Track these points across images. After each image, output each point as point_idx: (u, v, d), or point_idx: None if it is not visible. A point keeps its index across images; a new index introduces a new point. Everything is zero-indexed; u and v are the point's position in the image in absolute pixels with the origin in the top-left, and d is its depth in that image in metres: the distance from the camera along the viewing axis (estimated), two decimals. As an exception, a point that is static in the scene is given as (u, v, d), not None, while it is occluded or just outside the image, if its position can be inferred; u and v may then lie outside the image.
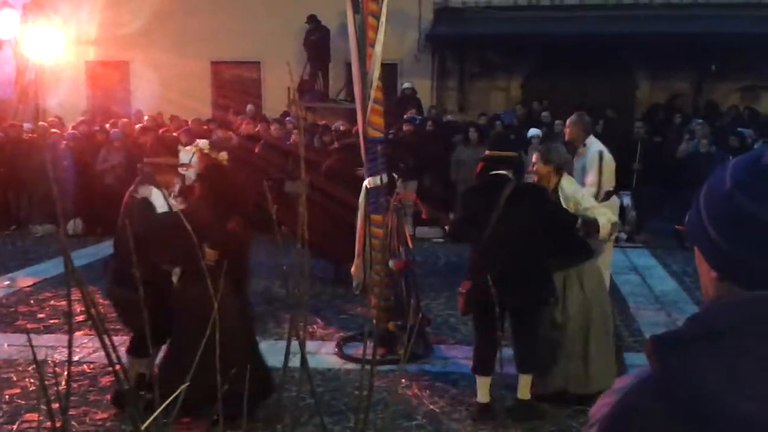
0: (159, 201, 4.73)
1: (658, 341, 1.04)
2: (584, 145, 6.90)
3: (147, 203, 4.69)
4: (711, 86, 14.72)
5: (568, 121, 7.28)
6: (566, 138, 7.23)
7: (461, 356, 6.16)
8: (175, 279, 4.60)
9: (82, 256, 9.36)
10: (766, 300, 0.98)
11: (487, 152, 5.15)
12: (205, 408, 3.19)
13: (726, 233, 1.05)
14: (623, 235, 10.66)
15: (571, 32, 13.97)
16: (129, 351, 4.80)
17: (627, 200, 10.58)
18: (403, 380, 5.50)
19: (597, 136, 10.92)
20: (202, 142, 6.04)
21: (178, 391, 1.50)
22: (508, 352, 5.45)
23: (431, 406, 5.14)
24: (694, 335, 1.02)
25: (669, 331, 1.06)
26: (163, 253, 4.36)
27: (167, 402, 1.50)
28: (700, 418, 0.96)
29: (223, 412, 1.68)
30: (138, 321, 4.53)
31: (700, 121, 11.56)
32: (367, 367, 1.82)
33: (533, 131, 10.74)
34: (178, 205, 4.85)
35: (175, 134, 11.33)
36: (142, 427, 1.44)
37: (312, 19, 14.17)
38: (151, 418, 1.51)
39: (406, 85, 13.69)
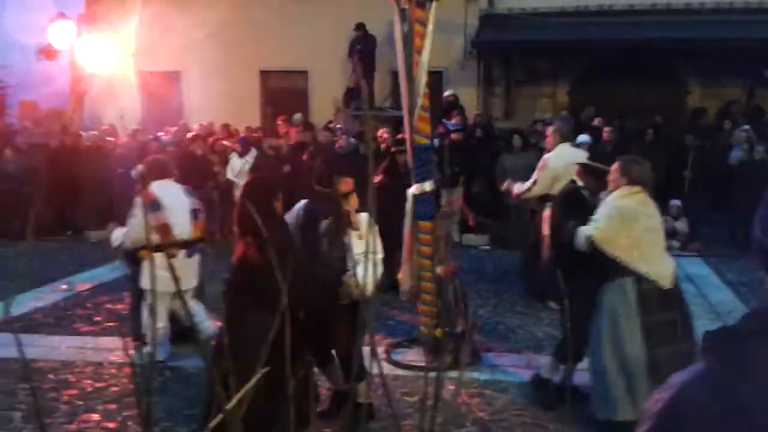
0: None
1: (712, 336, 1.05)
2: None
3: None
4: (764, 92, 14.35)
5: (547, 131, 7.85)
6: (547, 147, 7.52)
7: (509, 364, 6.15)
8: None
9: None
10: None
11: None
12: None
13: (766, 229, 1.07)
14: (676, 243, 10.49)
15: (619, 38, 13.78)
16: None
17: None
18: (451, 387, 5.49)
19: (645, 143, 10.86)
20: None
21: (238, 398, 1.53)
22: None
23: (480, 414, 5.13)
24: (749, 330, 1.03)
25: (724, 326, 1.07)
26: None
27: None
28: (753, 412, 0.96)
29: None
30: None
31: (746, 127, 11.29)
32: (432, 374, 1.84)
33: (582, 138, 10.62)
34: None
35: (226, 143, 11.57)
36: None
37: (360, 27, 14.29)
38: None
39: (448, 92, 13.68)
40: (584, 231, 4.67)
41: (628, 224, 4.64)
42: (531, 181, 7.37)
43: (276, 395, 2.16)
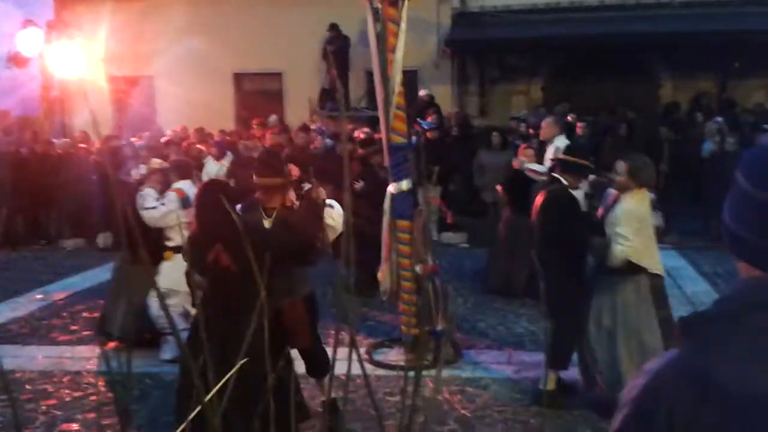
0: None
1: (686, 321, 1.07)
2: (552, 142, 7.81)
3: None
4: (735, 84, 14.56)
5: (543, 123, 8.22)
6: (541, 137, 7.69)
7: (491, 361, 6.17)
8: None
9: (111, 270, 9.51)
10: None
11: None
12: None
13: (734, 215, 1.11)
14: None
15: (591, 33, 13.89)
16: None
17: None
18: (433, 385, 5.50)
19: (618, 137, 10.99)
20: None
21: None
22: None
23: (463, 411, 5.14)
24: (718, 314, 1.05)
25: (697, 311, 1.09)
26: None
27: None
28: (726, 394, 0.98)
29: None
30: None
31: (718, 119, 11.43)
32: (411, 374, 1.84)
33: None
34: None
35: (200, 146, 11.48)
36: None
37: (333, 28, 14.26)
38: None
39: (423, 91, 13.70)
40: (619, 252, 4.71)
41: (644, 229, 4.83)
42: (545, 168, 7.44)
43: (252, 396, 2.13)
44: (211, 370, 1.46)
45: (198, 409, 1.35)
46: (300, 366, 4.68)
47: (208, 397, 1.36)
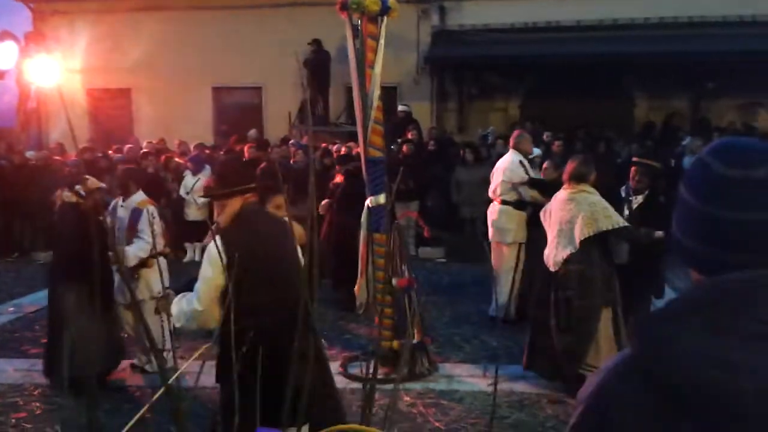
0: None
1: (637, 321, 1.11)
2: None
3: None
4: (709, 104, 14.82)
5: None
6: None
7: (466, 374, 6.18)
8: None
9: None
10: (727, 282, 1.06)
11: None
12: None
13: (679, 225, 1.16)
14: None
15: (568, 53, 14.08)
16: None
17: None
18: (408, 398, 5.51)
19: (597, 156, 11.11)
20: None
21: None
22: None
23: (437, 424, 5.14)
24: (667, 315, 1.09)
25: (648, 312, 1.14)
26: None
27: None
28: (675, 393, 1.01)
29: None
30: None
31: (696, 139, 11.60)
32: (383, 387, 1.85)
33: (535, 151, 10.78)
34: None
35: (179, 160, 11.44)
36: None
37: (314, 43, 14.31)
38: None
39: (402, 107, 13.78)
40: None
41: None
42: None
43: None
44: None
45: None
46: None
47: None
